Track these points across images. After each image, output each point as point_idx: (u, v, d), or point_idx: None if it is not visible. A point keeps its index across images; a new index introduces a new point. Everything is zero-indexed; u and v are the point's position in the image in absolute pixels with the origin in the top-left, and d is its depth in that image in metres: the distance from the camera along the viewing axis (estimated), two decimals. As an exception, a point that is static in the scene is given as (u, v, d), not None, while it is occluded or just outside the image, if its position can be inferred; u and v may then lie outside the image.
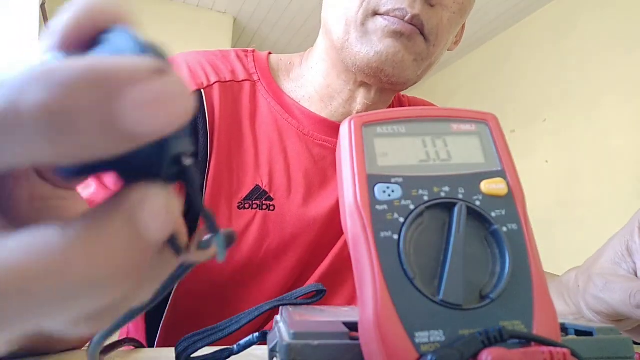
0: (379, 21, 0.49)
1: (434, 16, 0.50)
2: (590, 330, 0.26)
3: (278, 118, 0.57)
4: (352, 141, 0.24)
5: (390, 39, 0.49)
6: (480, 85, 3.10)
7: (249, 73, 0.58)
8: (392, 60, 0.49)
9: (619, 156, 2.15)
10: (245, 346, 0.30)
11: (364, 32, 0.50)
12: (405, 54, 0.50)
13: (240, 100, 0.56)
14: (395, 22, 0.48)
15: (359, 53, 0.50)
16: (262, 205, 0.52)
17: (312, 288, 0.40)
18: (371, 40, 0.49)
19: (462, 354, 0.19)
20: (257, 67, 0.59)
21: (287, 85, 0.59)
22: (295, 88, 0.59)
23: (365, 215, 0.22)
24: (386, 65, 0.50)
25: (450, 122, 0.25)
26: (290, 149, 0.55)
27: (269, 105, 0.57)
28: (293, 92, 0.59)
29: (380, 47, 0.49)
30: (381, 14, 0.49)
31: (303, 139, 0.56)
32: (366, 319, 0.20)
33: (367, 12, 0.49)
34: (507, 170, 0.24)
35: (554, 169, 2.47)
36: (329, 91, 0.57)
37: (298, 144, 0.56)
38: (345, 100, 0.56)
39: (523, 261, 0.22)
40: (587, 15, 2.39)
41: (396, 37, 0.49)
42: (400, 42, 0.49)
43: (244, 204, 0.52)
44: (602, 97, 2.26)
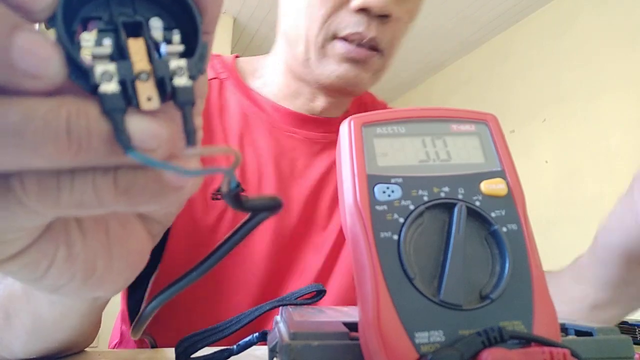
0: (337, 46, 0.51)
1: (388, 32, 0.52)
2: (590, 330, 0.26)
3: (247, 111, 0.58)
4: (352, 141, 0.24)
5: (348, 64, 0.52)
6: (480, 85, 3.10)
7: (216, 72, 0.60)
8: (352, 82, 0.53)
9: (619, 156, 2.15)
10: (245, 346, 0.30)
11: (323, 54, 0.52)
12: (364, 75, 0.53)
13: (208, 97, 0.57)
14: (351, 49, 0.51)
15: (321, 75, 0.53)
16: None
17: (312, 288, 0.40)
18: (330, 63, 0.52)
19: (462, 354, 0.19)
20: (224, 68, 0.61)
21: (253, 83, 0.61)
22: (261, 86, 0.61)
23: (365, 216, 0.22)
24: (347, 86, 0.53)
25: (449, 123, 0.25)
26: (260, 141, 0.57)
27: (237, 100, 0.59)
28: (259, 90, 0.61)
29: (340, 70, 0.52)
30: (340, 37, 0.51)
31: (272, 131, 0.58)
32: (366, 319, 0.20)
33: (327, 35, 0.51)
34: (506, 170, 0.24)
35: (553, 169, 2.47)
36: (291, 91, 0.59)
37: (267, 135, 0.57)
38: (308, 99, 0.59)
39: (523, 261, 0.22)
40: (586, 15, 2.39)
41: (354, 62, 0.52)
42: (357, 65, 0.52)
43: (217, 195, 0.53)
44: (601, 97, 2.26)
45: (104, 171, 0.14)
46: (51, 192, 0.14)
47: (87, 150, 0.13)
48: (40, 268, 0.17)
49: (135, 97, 0.14)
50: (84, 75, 0.14)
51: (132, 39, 0.15)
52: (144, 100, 0.14)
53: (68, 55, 0.14)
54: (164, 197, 0.15)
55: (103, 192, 0.14)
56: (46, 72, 0.13)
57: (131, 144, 0.14)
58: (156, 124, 0.14)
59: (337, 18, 0.51)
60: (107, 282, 0.19)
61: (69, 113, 0.13)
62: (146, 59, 0.15)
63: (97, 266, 0.18)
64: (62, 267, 0.17)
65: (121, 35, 0.15)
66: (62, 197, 0.14)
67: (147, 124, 0.14)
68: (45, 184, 0.14)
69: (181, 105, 0.15)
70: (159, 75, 0.15)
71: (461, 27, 2.92)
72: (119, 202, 0.15)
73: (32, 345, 0.32)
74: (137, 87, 0.14)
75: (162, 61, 0.15)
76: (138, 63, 0.14)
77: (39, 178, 0.14)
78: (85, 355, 0.38)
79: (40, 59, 0.13)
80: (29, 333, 0.30)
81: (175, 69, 0.15)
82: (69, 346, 0.35)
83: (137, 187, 0.15)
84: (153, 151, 0.14)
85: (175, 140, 0.15)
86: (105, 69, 0.14)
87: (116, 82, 0.14)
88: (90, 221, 0.18)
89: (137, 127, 0.14)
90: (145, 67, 0.14)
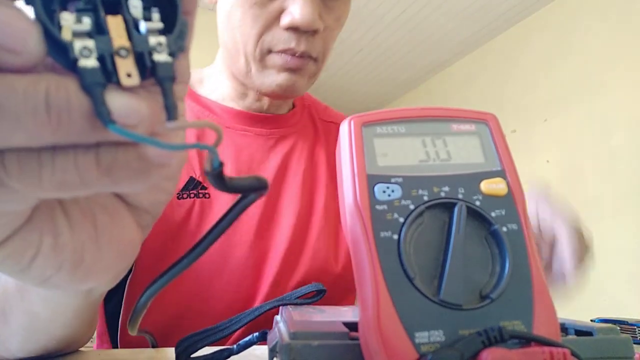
0: (274, 58, 0.56)
1: (319, 42, 0.56)
2: (590, 330, 0.26)
3: (199, 116, 0.62)
4: (352, 141, 0.24)
5: (287, 73, 0.56)
6: (481, 85, 3.10)
7: None
8: (291, 89, 0.57)
9: (620, 156, 2.15)
10: (245, 346, 0.30)
11: (263, 66, 0.57)
12: (301, 81, 0.58)
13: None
14: (289, 60, 0.55)
15: (262, 85, 0.58)
16: (199, 194, 0.56)
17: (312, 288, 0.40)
18: (271, 74, 0.57)
19: (462, 354, 0.19)
20: None
21: (201, 90, 0.65)
22: (209, 92, 0.65)
23: (365, 215, 0.22)
24: (287, 93, 0.58)
25: (450, 122, 0.25)
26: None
27: (188, 106, 0.62)
28: (208, 96, 0.64)
29: (280, 79, 0.56)
30: (275, 51, 0.55)
31: (226, 131, 0.61)
32: (366, 319, 0.20)
33: (263, 50, 0.56)
34: (507, 170, 0.24)
35: (554, 169, 2.47)
36: (239, 93, 0.63)
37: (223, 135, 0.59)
38: (254, 99, 0.62)
39: (523, 261, 0.22)
40: (588, 15, 2.39)
41: (291, 71, 0.56)
42: (294, 73, 0.57)
43: (182, 194, 0.56)
44: (602, 97, 2.26)
45: (86, 149, 0.15)
46: (32, 171, 0.14)
47: (67, 125, 0.13)
48: (26, 257, 0.17)
49: (115, 73, 0.14)
50: (62, 51, 0.14)
51: (111, 17, 0.15)
52: (124, 76, 0.14)
53: (47, 31, 0.14)
54: (147, 174, 0.15)
55: (85, 170, 0.15)
56: (24, 47, 0.13)
57: (111, 118, 0.14)
58: (136, 100, 0.14)
59: (269, 36, 0.55)
60: (96, 272, 0.19)
61: (48, 87, 0.13)
62: (125, 35, 0.15)
63: (85, 256, 0.18)
64: (48, 257, 0.17)
65: (100, 13, 0.15)
66: (43, 176, 0.14)
67: (127, 99, 0.14)
68: (26, 163, 0.14)
69: (161, 81, 0.15)
70: (137, 51, 0.15)
71: (462, 28, 2.92)
72: (102, 180, 0.15)
73: (29, 343, 0.32)
74: (116, 64, 0.14)
75: (141, 37, 0.15)
76: (117, 39, 0.15)
77: (20, 157, 0.14)
78: (85, 355, 0.38)
79: (18, 33, 0.13)
80: (25, 331, 0.30)
81: (154, 45, 0.15)
82: (66, 344, 0.35)
83: (119, 164, 0.15)
84: (134, 127, 0.14)
85: (156, 116, 0.15)
86: (84, 45, 0.14)
87: (95, 58, 0.14)
88: (77, 210, 0.18)
89: (117, 102, 0.14)
90: (125, 43, 0.15)
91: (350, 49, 3.17)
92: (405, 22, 2.85)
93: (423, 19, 2.79)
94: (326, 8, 0.56)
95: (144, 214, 0.21)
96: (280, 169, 0.61)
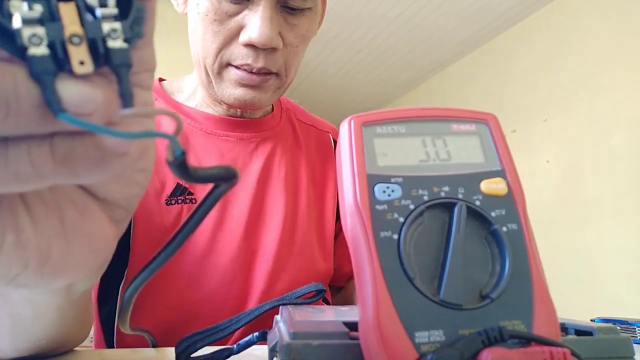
0: (232, 73, 0.57)
1: (279, 58, 0.57)
2: (590, 330, 0.26)
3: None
4: (352, 141, 0.24)
5: (244, 88, 0.57)
6: (481, 85, 3.10)
7: None
8: (251, 103, 0.58)
9: (620, 156, 2.15)
10: (245, 346, 0.30)
11: (221, 79, 0.58)
12: (262, 96, 0.58)
13: None
14: (245, 76, 0.56)
15: (222, 96, 0.58)
16: (186, 200, 0.57)
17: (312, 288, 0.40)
18: (228, 87, 0.58)
19: (462, 354, 0.19)
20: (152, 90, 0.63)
21: (180, 98, 0.66)
22: (187, 99, 0.66)
23: (365, 215, 0.22)
24: (247, 107, 0.59)
25: (450, 122, 0.25)
26: (199, 148, 0.61)
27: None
28: (187, 103, 0.66)
29: (238, 93, 0.57)
30: (234, 65, 0.56)
31: (208, 137, 0.62)
32: (366, 319, 0.20)
33: (222, 64, 0.56)
34: (507, 170, 0.24)
35: (554, 168, 2.47)
36: (212, 100, 0.64)
37: (204, 142, 0.62)
38: (226, 107, 0.63)
39: (523, 261, 0.22)
40: (588, 15, 2.39)
41: (247, 87, 0.57)
42: (252, 89, 0.57)
43: (170, 200, 0.57)
44: (602, 97, 2.26)
45: (40, 140, 0.14)
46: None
47: (16, 115, 0.13)
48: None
49: (68, 61, 0.14)
50: (11, 39, 0.14)
51: (63, 3, 0.14)
52: (77, 64, 0.14)
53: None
54: (106, 165, 0.15)
55: (40, 162, 0.14)
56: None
57: (62, 107, 0.13)
58: (90, 88, 0.14)
59: (228, 50, 0.56)
60: (67, 269, 0.19)
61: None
62: (78, 22, 0.14)
63: (52, 252, 0.18)
64: (11, 255, 0.17)
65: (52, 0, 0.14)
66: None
67: (80, 87, 0.14)
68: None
69: (116, 68, 0.15)
70: (90, 37, 0.14)
71: (462, 28, 2.92)
72: (59, 172, 0.15)
73: (18, 344, 0.31)
74: (69, 51, 0.14)
75: (94, 23, 0.14)
76: (69, 26, 0.14)
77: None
78: (85, 355, 0.38)
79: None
80: (12, 333, 0.30)
81: (108, 31, 0.15)
82: (57, 343, 0.35)
83: (76, 155, 0.15)
84: (89, 115, 0.14)
85: (112, 104, 0.15)
86: (33, 32, 0.14)
87: (45, 45, 0.14)
88: (41, 205, 0.18)
89: (69, 90, 0.14)
90: (77, 30, 0.14)
91: (350, 49, 3.16)
92: (405, 22, 2.85)
93: (423, 19, 2.79)
94: (288, 25, 0.56)
95: (117, 209, 0.21)
96: (264, 171, 0.62)
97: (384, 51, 3.20)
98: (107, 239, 0.20)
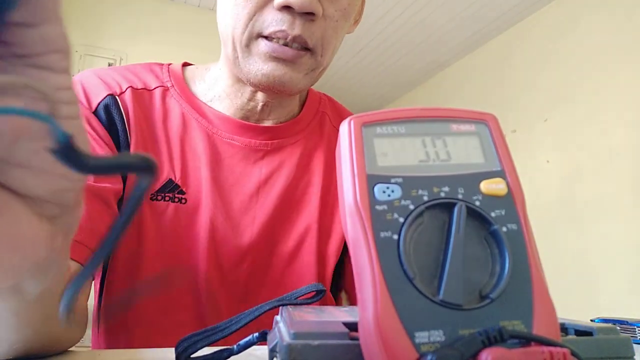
0: (261, 45, 0.52)
1: (316, 30, 0.52)
2: (590, 330, 0.26)
3: (188, 118, 0.59)
4: (352, 141, 0.24)
5: (274, 62, 0.52)
6: (481, 85, 3.10)
7: (161, 81, 0.61)
8: (280, 81, 0.52)
9: (620, 156, 2.15)
10: (245, 346, 0.30)
11: (249, 53, 0.53)
12: (293, 74, 0.53)
13: (152, 105, 0.59)
14: (276, 48, 0.51)
15: (249, 72, 0.53)
16: (175, 198, 0.55)
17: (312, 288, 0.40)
18: (256, 62, 0.52)
19: (462, 354, 0.19)
20: (171, 76, 0.62)
21: (199, 88, 0.62)
22: (206, 90, 0.62)
23: (365, 216, 0.22)
24: (275, 84, 0.53)
25: (449, 123, 0.25)
26: (199, 147, 0.58)
27: (180, 106, 0.60)
28: (204, 94, 0.61)
29: (266, 69, 0.52)
30: (264, 36, 0.51)
31: (211, 137, 0.59)
32: (366, 319, 0.20)
33: (252, 34, 0.52)
34: (506, 170, 0.24)
35: (555, 168, 2.47)
36: (233, 90, 0.60)
37: (206, 141, 0.58)
38: (248, 99, 0.59)
39: (523, 261, 0.22)
40: (588, 15, 2.39)
41: (280, 61, 0.52)
42: (284, 64, 0.52)
43: (157, 195, 0.55)
44: (603, 97, 2.26)
45: None
46: None
47: None
48: None
49: None
50: None
51: None
52: None
53: None
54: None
55: None
56: None
57: None
58: None
59: (261, 16, 0.51)
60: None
61: None
62: None
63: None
64: None
65: None
66: None
67: None
68: None
69: None
70: None
71: (463, 27, 2.92)
72: None
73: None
74: None
75: None
76: None
77: None
78: (85, 355, 0.38)
79: None
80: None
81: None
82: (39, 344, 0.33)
83: None
84: None
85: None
86: None
87: None
88: None
89: None
90: None
91: (350, 49, 3.17)
92: (405, 22, 2.85)
93: (423, 19, 2.79)
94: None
95: (45, 204, 0.19)
96: (262, 184, 0.59)
97: (383, 51, 3.20)
98: (38, 237, 0.19)
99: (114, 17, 2.73)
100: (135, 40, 2.72)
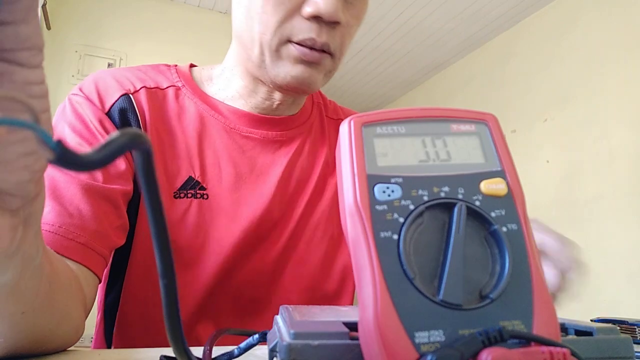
0: (291, 49, 0.54)
1: (338, 36, 0.56)
2: (590, 330, 0.26)
3: (204, 115, 0.61)
4: (352, 141, 0.24)
5: (302, 65, 0.55)
6: (481, 85, 3.10)
7: (172, 81, 0.62)
8: (307, 82, 0.56)
9: (620, 156, 2.15)
10: (245, 348, 0.30)
11: (278, 57, 0.55)
12: (317, 76, 0.56)
13: (165, 104, 0.60)
14: (306, 52, 0.54)
15: (277, 76, 0.56)
16: (197, 194, 0.56)
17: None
18: (285, 65, 0.55)
19: (462, 354, 0.19)
20: (180, 76, 0.63)
21: (210, 88, 0.64)
22: (218, 90, 0.63)
23: (365, 216, 0.22)
24: (302, 86, 0.56)
25: (449, 123, 0.25)
26: (218, 142, 0.60)
27: (194, 104, 0.61)
28: (216, 94, 0.63)
29: (295, 71, 0.55)
30: (293, 41, 0.54)
31: (230, 132, 0.60)
32: (366, 319, 0.20)
33: (281, 40, 0.54)
34: (506, 170, 0.24)
35: (555, 168, 2.47)
36: (248, 90, 0.61)
37: (225, 137, 0.60)
38: (264, 98, 0.61)
39: (523, 261, 0.22)
40: (588, 15, 2.39)
41: (307, 64, 0.55)
42: (311, 67, 0.55)
43: (179, 193, 0.56)
44: (602, 97, 2.26)
45: None
46: None
47: None
48: None
49: None
50: None
51: None
52: None
53: None
54: None
55: None
56: None
57: None
58: None
59: (290, 24, 0.53)
60: None
61: None
62: None
63: None
64: None
65: None
66: None
67: None
68: None
69: None
70: None
71: (463, 27, 2.92)
72: None
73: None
74: None
75: None
76: None
77: None
78: (85, 355, 0.38)
79: None
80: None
81: None
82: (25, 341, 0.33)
83: None
84: None
85: None
86: None
87: None
88: None
89: None
90: None
91: (350, 49, 3.16)
92: (405, 22, 2.85)
93: (423, 19, 2.79)
94: (346, 3, 0.55)
95: (8, 197, 0.20)
96: (285, 173, 0.61)
97: (383, 51, 3.20)
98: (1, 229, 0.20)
99: (114, 17, 2.73)
100: (135, 40, 2.72)
